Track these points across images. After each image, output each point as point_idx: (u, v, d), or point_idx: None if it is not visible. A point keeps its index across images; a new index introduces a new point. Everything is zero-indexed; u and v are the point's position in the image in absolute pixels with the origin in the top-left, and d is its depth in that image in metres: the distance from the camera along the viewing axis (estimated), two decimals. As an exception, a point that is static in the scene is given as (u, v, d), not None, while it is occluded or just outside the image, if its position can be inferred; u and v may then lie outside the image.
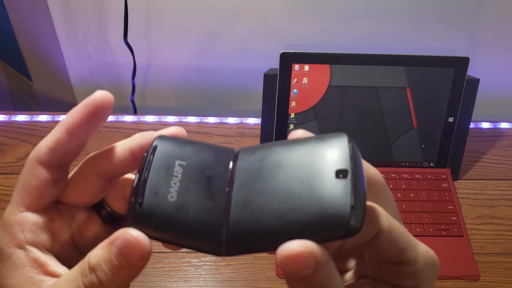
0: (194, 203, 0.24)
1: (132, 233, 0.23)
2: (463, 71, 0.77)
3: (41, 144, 0.26)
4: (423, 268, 0.26)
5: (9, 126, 0.89)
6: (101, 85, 1.00)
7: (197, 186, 0.24)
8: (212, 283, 0.69)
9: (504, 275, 0.71)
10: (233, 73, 0.97)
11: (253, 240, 0.23)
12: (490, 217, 0.78)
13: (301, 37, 0.91)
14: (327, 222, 0.22)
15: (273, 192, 0.23)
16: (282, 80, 0.77)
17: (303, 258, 0.21)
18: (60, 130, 0.26)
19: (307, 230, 0.22)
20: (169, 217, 0.24)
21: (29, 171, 0.26)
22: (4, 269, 0.25)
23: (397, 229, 0.25)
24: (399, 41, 0.91)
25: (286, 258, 0.21)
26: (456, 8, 0.87)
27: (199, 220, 0.24)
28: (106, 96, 0.26)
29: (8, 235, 0.25)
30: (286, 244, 0.21)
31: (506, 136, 0.91)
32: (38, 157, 0.26)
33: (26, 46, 0.97)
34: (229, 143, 0.88)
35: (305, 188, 0.23)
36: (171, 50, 0.95)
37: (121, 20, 0.87)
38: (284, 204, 0.23)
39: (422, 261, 0.25)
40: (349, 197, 0.22)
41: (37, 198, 0.26)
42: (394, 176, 0.81)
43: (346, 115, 0.80)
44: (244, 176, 0.25)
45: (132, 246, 0.23)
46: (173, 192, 0.24)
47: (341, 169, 0.23)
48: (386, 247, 0.25)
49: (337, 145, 0.25)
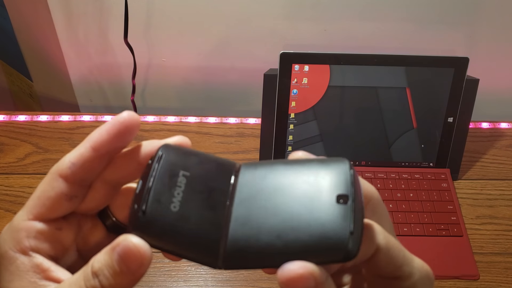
0: (195, 214, 0.24)
1: (133, 240, 0.23)
2: (462, 71, 0.77)
3: (65, 158, 0.26)
4: (419, 283, 0.26)
5: (10, 126, 0.89)
6: (101, 85, 1.01)
7: (199, 198, 0.25)
8: (212, 283, 0.70)
9: (504, 275, 0.71)
10: (233, 73, 0.97)
11: (250, 256, 0.23)
12: (490, 217, 0.78)
13: (301, 37, 0.91)
14: (326, 245, 0.23)
15: (273, 211, 0.24)
16: (282, 80, 0.77)
17: (304, 279, 0.22)
18: (85, 145, 0.26)
19: (306, 251, 0.23)
20: (170, 226, 0.24)
21: (48, 181, 0.26)
22: (7, 272, 0.25)
23: (394, 246, 0.25)
24: (399, 41, 0.91)
25: (288, 280, 0.22)
26: (456, 8, 0.87)
27: (199, 233, 0.24)
28: (133, 116, 0.26)
29: (14, 239, 0.26)
30: (287, 265, 0.22)
31: (505, 136, 0.91)
32: (59, 170, 0.26)
33: (27, 46, 0.97)
34: (229, 143, 0.88)
35: (305, 210, 0.24)
36: (171, 50, 0.95)
37: (122, 20, 0.87)
38: (283, 223, 0.23)
39: (418, 275, 0.26)
40: (348, 223, 0.23)
41: (49, 210, 0.26)
42: (393, 176, 0.81)
43: (346, 115, 0.80)
44: (245, 192, 0.25)
45: (132, 253, 0.23)
46: (176, 202, 0.24)
47: (342, 194, 0.24)
48: (384, 264, 0.25)
49: (339, 170, 0.25)
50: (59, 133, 0.88)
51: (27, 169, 0.82)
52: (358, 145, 0.81)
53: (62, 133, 0.88)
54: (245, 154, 0.86)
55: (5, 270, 0.25)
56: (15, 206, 0.77)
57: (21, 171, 0.82)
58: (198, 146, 0.87)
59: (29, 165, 0.83)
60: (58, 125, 0.89)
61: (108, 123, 0.26)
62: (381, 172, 0.81)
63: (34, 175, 0.81)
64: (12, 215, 0.75)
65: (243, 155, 0.86)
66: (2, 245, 0.26)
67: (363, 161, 0.82)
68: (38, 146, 0.86)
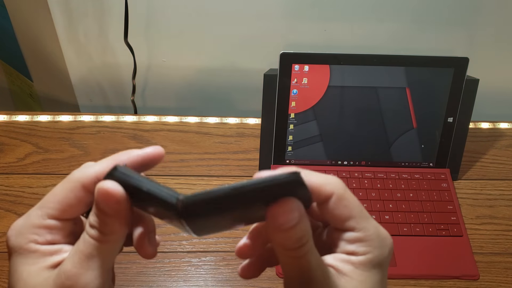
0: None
1: (104, 182, 0.27)
2: (462, 71, 0.77)
3: (89, 170, 0.29)
4: (372, 238, 0.29)
5: (10, 126, 0.89)
6: (101, 85, 1.01)
7: None
8: (212, 283, 0.70)
9: (504, 275, 0.71)
10: (233, 73, 0.97)
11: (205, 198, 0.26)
12: (490, 217, 0.78)
13: (301, 37, 0.91)
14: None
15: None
16: (282, 80, 0.78)
17: (292, 211, 0.26)
18: (112, 163, 0.29)
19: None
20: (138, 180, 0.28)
21: (71, 189, 0.29)
22: (29, 259, 0.29)
23: (350, 199, 0.29)
24: (399, 42, 0.91)
25: (277, 212, 0.26)
26: (455, 8, 0.87)
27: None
28: (159, 153, 0.31)
29: (36, 235, 0.29)
30: (278, 202, 0.26)
31: (505, 136, 0.91)
32: (84, 182, 0.29)
33: (27, 46, 0.97)
34: (229, 143, 0.88)
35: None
36: (171, 50, 0.95)
37: (122, 21, 0.87)
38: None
39: (372, 231, 0.30)
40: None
41: (69, 214, 0.29)
42: (393, 176, 0.81)
43: (346, 115, 0.80)
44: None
45: (101, 188, 0.27)
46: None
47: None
48: (337, 212, 0.29)
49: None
50: (59, 133, 0.88)
51: (27, 169, 0.82)
52: (358, 145, 0.81)
53: (62, 133, 0.88)
54: (245, 154, 0.86)
55: (26, 258, 0.29)
56: (15, 206, 0.77)
57: (21, 171, 0.82)
58: (198, 146, 0.87)
59: (29, 165, 0.83)
60: (58, 125, 0.90)
61: (139, 150, 0.30)
62: (381, 172, 0.81)
63: (34, 175, 0.81)
64: (12, 215, 0.75)
65: (243, 155, 0.86)
66: (21, 240, 0.29)
67: (363, 161, 0.82)
68: (38, 146, 0.86)
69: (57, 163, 0.83)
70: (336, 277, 0.29)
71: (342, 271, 0.29)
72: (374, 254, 0.29)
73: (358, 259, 0.29)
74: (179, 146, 0.87)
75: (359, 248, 0.29)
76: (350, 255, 0.29)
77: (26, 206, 0.77)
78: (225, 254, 0.72)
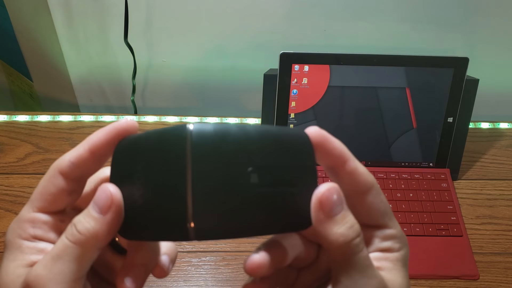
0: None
1: (107, 185, 0.26)
2: (462, 71, 0.77)
3: (65, 156, 0.28)
4: (402, 234, 0.30)
5: (10, 126, 0.89)
6: (101, 85, 1.01)
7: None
8: (212, 282, 0.70)
9: (504, 275, 0.71)
10: (233, 73, 0.97)
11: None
12: (490, 217, 0.78)
13: (301, 37, 0.91)
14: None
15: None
16: (282, 80, 0.78)
17: (335, 191, 0.26)
18: (83, 147, 0.28)
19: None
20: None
21: (49, 178, 0.28)
22: (12, 255, 0.28)
23: (382, 195, 0.29)
24: (399, 42, 0.91)
25: (324, 194, 0.26)
26: (455, 8, 0.87)
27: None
28: (131, 123, 0.28)
29: (21, 229, 0.28)
30: (318, 189, 0.26)
31: (505, 136, 0.91)
32: (59, 168, 0.28)
33: (27, 46, 0.97)
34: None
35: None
36: (171, 50, 0.95)
37: (122, 21, 0.87)
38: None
39: (399, 229, 0.30)
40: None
41: (51, 204, 0.28)
42: (393, 176, 0.81)
43: (346, 115, 0.80)
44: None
45: (103, 192, 0.26)
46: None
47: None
48: (375, 206, 0.29)
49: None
50: (59, 133, 0.88)
51: (27, 169, 0.82)
52: (358, 145, 0.81)
53: (62, 133, 0.88)
54: (245, 154, 0.86)
55: (10, 254, 0.28)
56: (15, 206, 0.77)
57: (21, 171, 0.82)
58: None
59: (29, 165, 0.83)
60: (58, 125, 0.90)
61: (107, 127, 0.28)
62: (381, 172, 0.81)
63: (34, 175, 0.81)
64: (13, 215, 0.75)
65: (243, 155, 0.86)
66: (10, 234, 0.28)
67: (363, 161, 0.82)
68: (38, 146, 0.86)
69: (57, 163, 0.83)
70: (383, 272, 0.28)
71: (382, 269, 0.28)
72: (405, 251, 0.29)
73: (394, 256, 0.29)
74: (179, 146, 0.87)
75: (394, 245, 0.29)
76: (386, 252, 0.29)
77: (26, 206, 0.77)
78: (225, 254, 0.72)
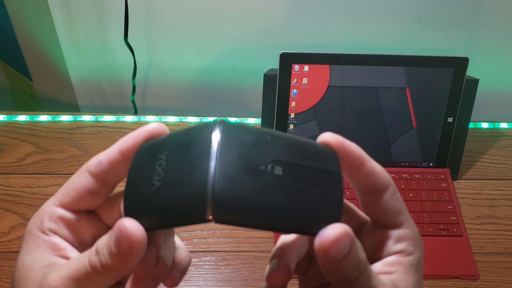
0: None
1: (125, 222, 0.24)
2: (462, 71, 0.77)
3: (95, 156, 0.28)
4: (417, 235, 0.29)
5: (10, 126, 0.89)
6: (101, 85, 1.01)
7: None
8: (212, 282, 0.70)
9: (504, 274, 0.71)
10: (233, 73, 0.98)
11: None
12: (490, 217, 0.78)
13: (301, 37, 0.91)
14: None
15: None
16: (282, 80, 0.78)
17: (344, 238, 0.24)
18: (114, 148, 0.28)
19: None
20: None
21: (77, 175, 0.28)
22: (28, 246, 0.28)
23: (399, 195, 0.29)
24: (399, 41, 0.91)
25: (330, 244, 0.24)
26: (456, 8, 0.87)
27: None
28: (161, 127, 0.28)
29: (39, 220, 0.29)
30: (324, 231, 0.24)
31: (505, 136, 0.91)
32: (87, 166, 0.28)
33: (27, 47, 0.97)
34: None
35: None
36: (171, 50, 0.95)
37: (122, 20, 0.87)
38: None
39: (415, 228, 0.29)
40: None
41: (72, 200, 0.28)
42: (393, 176, 0.81)
43: (346, 116, 0.80)
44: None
45: (123, 235, 0.24)
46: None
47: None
48: (391, 204, 0.28)
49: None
50: (59, 133, 0.88)
51: (27, 169, 0.82)
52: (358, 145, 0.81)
53: (62, 133, 0.88)
54: (245, 154, 0.86)
55: (27, 244, 0.28)
56: (15, 206, 0.77)
57: (21, 171, 0.82)
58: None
59: (29, 165, 0.83)
60: (58, 125, 0.90)
61: (137, 130, 0.28)
62: (381, 172, 0.81)
63: (34, 175, 0.81)
64: (13, 215, 0.75)
65: (243, 155, 0.86)
66: (30, 224, 0.29)
67: (363, 161, 0.82)
68: (38, 146, 0.86)
69: (57, 163, 0.83)
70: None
71: (395, 276, 0.28)
72: (420, 254, 0.28)
73: (408, 260, 0.28)
74: (179, 146, 0.87)
75: (408, 247, 0.28)
76: (399, 255, 0.28)
77: (26, 206, 0.77)
78: (225, 254, 0.72)
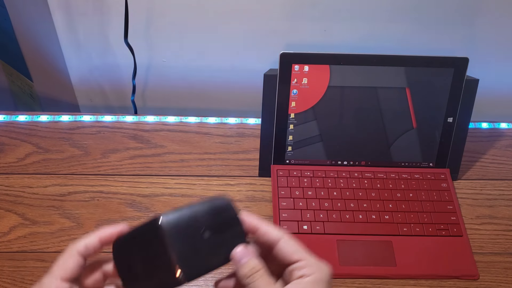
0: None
1: None
2: (462, 71, 0.77)
3: (82, 242, 0.41)
4: (315, 263, 0.41)
5: (10, 126, 0.89)
6: (101, 85, 1.01)
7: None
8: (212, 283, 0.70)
9: (503, 275, 0.71)
10: (233, 73, 0.98)
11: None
12: (490, 217, 0.78)
13: (301, 37, 0.91)
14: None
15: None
16: (282, 80, 0.78)
17: (246, 252, 0.41)
18: (94, 238, 0.41)
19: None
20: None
21: (69, 256, 0.41)
22: None
23: (291, 241, 0.42)
24: (399, 42, 0.91)
25: (237, 253, 0.41)
26: (455, 8, 0.87)
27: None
28: (122, 228, 0.42)
29: None
30: (235, 249, 0.41)
31: (505, 136, 0.91)
32: (77, 249, 0.41)
33: (27, 47, 0.97)
34: (229, 143, 0.88)
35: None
36: (171, 50, 0.95)
37: (122, 20, 0.87)
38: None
39: (313, 260, 0.41)
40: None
41: (71, 274, 0.41)
42: (393, 176, 0.81)
43: (346, 115, 0.80)
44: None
45: None
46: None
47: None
48: (287, 249, 0.41)
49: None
50: (59, 133, 0.88)
51: (27, 169, 0.82)
52: (358, 145, 0.81)
53: (62, 133, 0.88)
54: (245, 154, 0.86)
55: None
56: (15, 206, 0.77)
57: (21, 171, 0.82)
58: (198, 146, 0.87)
59: (29, 165, 0.83)
60: (58, 125, 0.90)
61: (113, 227, 0.42)
62: (381, 172, 0.81)
63: (34, 175, 0.81)
64: (13, 215, 0.75)
65: (243, 155, 0.86)
66: None
67: (363, 161, 0.82)
68: (38, 146, 0.86)
69: (57, 163, 0.83)
70: None
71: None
72: (319, 274, 0.40)
73: (307, 280, 0.39)
74: (179, 146, 0.87)
75: (307, 271, 0.40)
76: (300, 279, 0.40)
77: (26, 206, 0.77)
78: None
